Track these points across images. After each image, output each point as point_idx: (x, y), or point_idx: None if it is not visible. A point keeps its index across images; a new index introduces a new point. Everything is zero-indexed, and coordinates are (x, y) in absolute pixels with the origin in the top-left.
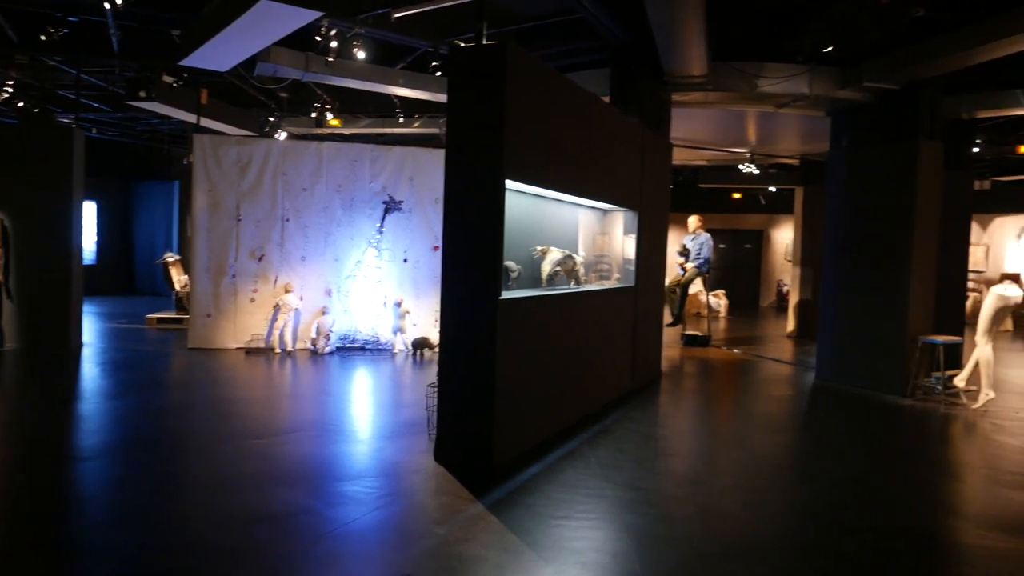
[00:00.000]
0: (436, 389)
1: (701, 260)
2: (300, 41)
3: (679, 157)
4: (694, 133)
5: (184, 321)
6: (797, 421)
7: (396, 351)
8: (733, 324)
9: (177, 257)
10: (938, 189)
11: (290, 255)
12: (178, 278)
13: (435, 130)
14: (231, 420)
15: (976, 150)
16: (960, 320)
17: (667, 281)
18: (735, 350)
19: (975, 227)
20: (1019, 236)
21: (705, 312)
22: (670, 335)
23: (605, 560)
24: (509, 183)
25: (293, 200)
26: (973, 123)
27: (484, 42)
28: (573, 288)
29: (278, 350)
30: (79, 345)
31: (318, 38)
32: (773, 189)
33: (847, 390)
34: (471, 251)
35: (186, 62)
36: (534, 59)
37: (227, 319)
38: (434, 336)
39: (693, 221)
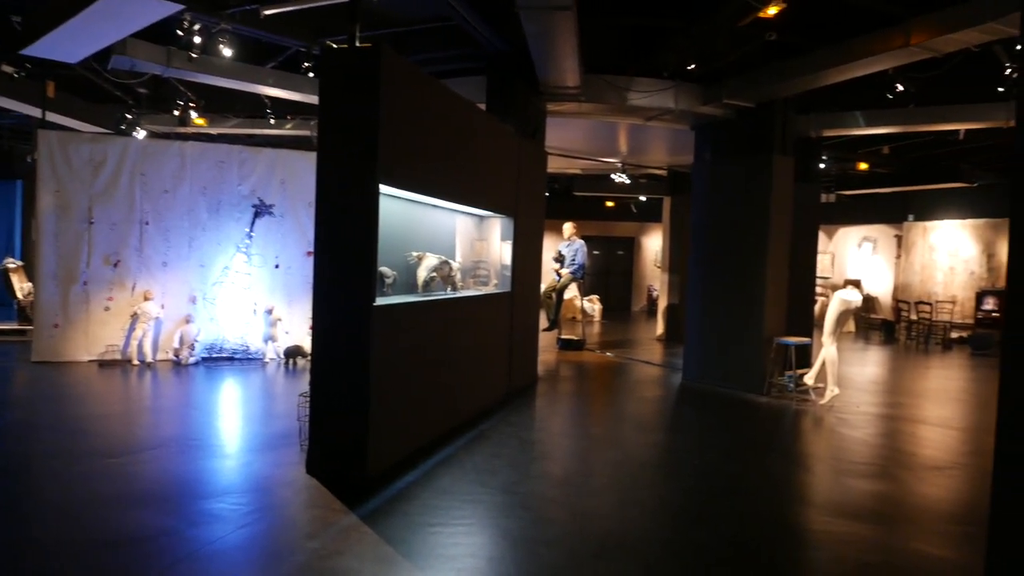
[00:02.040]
0: (308, 399)
1: (576, 266)
2: (161, 34)
3: (554, 165)
4: (569, 142)
5: (27, 332)
6: (665, 420)
7: (267, 360)
8: (607, 328)
9: (19, 263)
10: (790, 201)
11: (150, 260)
12: (20, 286)
13: (307, 132)
14: (82, 438)
15: (822, 166)
16: (809, 322)
17: (543, 287)
18: (608, 353)
19: (822, 237)
20: (860, 245)
21: (580, 317)
22: (546, 340)
23: (480, 565)
24: (383, 188)
25: (153, 202)
26: (820, 141)
27: (357, 44)
28: (449, 294)
29: (136, 361)
30: None
31: (180, 32)
32: (643, 198)
33: (711, 389)
34: (344, 257)
35: (29, 51)
36: (410, 63)
37: (78, 329)
38: (308, 344)
39: (568, 228)
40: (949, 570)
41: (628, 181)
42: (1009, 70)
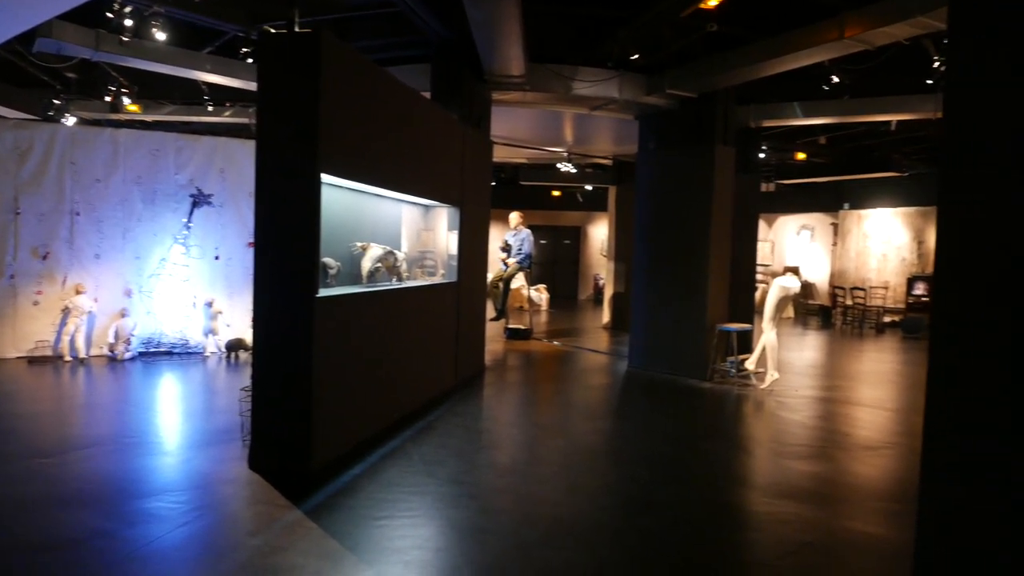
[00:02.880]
0: (250, 393)
1: (522, 255)
2: (90, 16)
3: (500, 155)
4: (514, 131)
5: None
6: (612, 408)
7: (208, 354)
8: (554, 317)
9: None
10: (731, 190)
11: (82, 253)
12: None
13: (246, 120)
14: (11, 438)
15: (762, 156)
16: (750, 309)
17: (490, 276)
18: (555, 342)
19: (762, 225)
20: (798, 233)
21: (527, 306)
22: (493, 329)
23: (427, 557)
24: (326, 177)
25: (84, 192)
26: (759, 131)
27: (297, 29)
28: (394, 284)
29: (69, 358)
30: None
31: (110, 14)
32: (589, 187)
33: (656, 376)
34: (286, 247)
35: None
36: (352, 50)
37: (5, 325)
38: (250, 337)
39: (514, 217)
40: (882, 547)
41: (574, 170)
42: (937, 63)
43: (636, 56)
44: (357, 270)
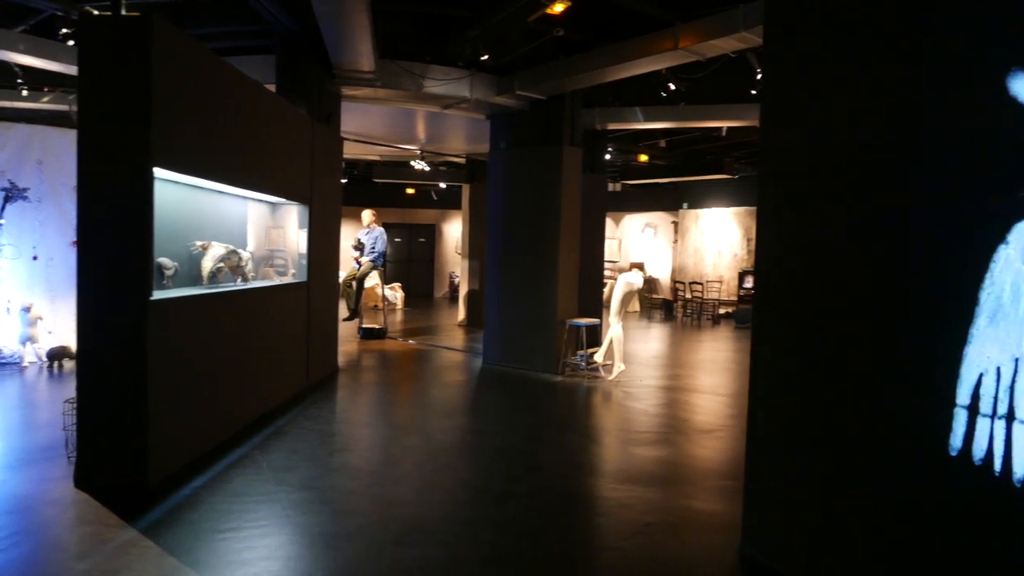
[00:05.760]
0: (76, 405)
1: (376, 254)
2: None
3: (352, 151)
4: (366, 128)
5: None
6: (467, 404)
7: (26, 364)
8: (409, 316)
9: None
10: (579, 189)
11: None
12: None
13: (66, 107)
14: None
15: (608, 157)
16: (599, 304)
17: (343, 275)
18: (411, 341)
19: (610, 223)
20: (643, 230)
21: (381, 305)
22: (347, 329)
23: (277, 567)
24: (159, 172)
25: None
26: (605, 133)
27: (124, 12)
28: (239, 285)
29: None
30: None
31: None
32: (443, 185)
33: (510, 372)
34: (114, 247)
35: None
36: (187, 37)
37: None
38: (75, 344)
39: (367, 215)
40: (715, 522)
41: (428, 168)
42: (760, 75)
43: (486, 57)
44: (197, 271)
